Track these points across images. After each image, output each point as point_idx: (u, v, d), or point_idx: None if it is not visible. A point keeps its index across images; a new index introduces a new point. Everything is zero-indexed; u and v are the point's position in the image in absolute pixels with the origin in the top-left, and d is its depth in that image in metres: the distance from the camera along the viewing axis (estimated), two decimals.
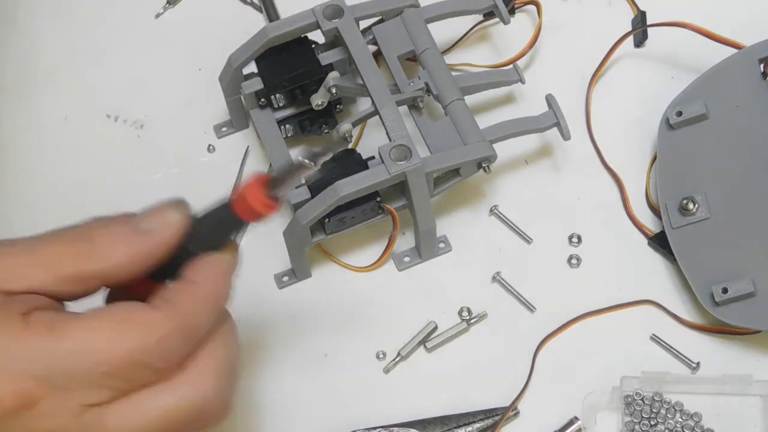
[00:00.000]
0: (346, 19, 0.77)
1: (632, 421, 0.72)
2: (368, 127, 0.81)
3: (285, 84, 0.78)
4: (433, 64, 0.78)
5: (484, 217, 0.80)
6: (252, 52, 0.77)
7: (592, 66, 0.84)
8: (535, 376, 0.75)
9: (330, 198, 0.72)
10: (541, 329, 0.76)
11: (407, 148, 0.72)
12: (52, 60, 0.88)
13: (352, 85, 0.77)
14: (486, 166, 0.75)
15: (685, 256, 0.75)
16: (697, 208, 0.76)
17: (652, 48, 0.84)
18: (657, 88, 0.82)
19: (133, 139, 0.85)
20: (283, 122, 0.80)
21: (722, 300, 0.73)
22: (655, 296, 0.77)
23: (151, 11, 0.89)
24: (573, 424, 0.72)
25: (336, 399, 0.75)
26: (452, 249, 0.79)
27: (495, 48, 0.86)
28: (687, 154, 0.78)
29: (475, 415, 0.73)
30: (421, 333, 0.76)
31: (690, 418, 0.72)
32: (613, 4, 0.87)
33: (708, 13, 0.82)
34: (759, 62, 0.78)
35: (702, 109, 0.78)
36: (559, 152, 0.82)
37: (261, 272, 0.79)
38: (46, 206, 0.81)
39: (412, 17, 0.79)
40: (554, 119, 0.77)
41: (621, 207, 0.80)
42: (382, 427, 0.73)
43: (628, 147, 0.82)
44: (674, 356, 0.75)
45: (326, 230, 0.75)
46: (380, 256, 0.78)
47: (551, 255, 0.78)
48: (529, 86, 0.82)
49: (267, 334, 0.77)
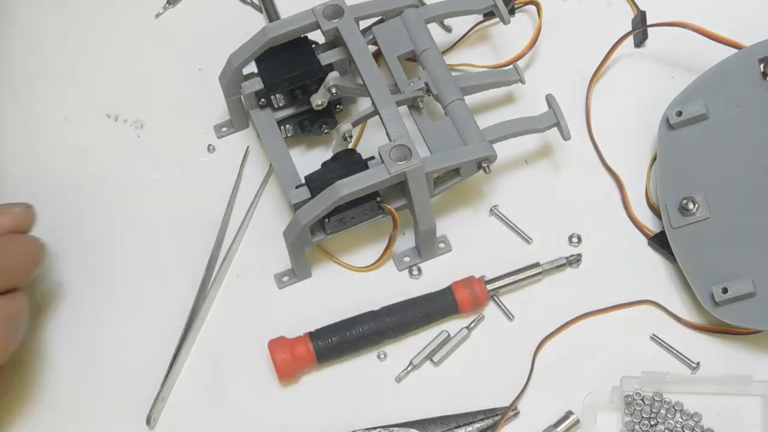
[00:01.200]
0: (346, 19, 0.77)
1: (632, 421, 0.72)
2: (368, 127, 0.81)
3: (285, 84, 0.78)
4: (433, 64, 0.78)
5: (484, 217, 0.80)
6: (252, 52, 0.77)
7: (592, 66, 0.84)
8: (535, 376, 0.75)
9: (330, 198, 0.72)
10: (541, 329, 0.76)
11: (407, 148, 0.72)
12: (52, 60, 0.88)
13: (352, 85, 0.77)
14: (486, 166, 0.75)
15: (685, 256, 0.75)
16: (697, 208, 0.76)
17: (652, 48, 0.84)
18: (657, 88, 0.82)
19: (133, 139, 0.85)
20: (283, 122, 0.80)
21: (722, 300, 0.73)
22: (655, 296, 0.77)
23: (151, 11, 0.89)
24: (568, 418, 0.73)
25: (336, 399, 0.75)
26: (452, 249, 0.79)
27: (495, 48, 0.86)
28: (687, 154, 0.78)
29: (475, 415, 0.73)
30: (434, 342, 0.76)
31: (690, 418, 0.72)
32: (613, 4, 0.87)
33: (708, 13, 0.82)
34: (759, 62, 0.78)
35: (702, 109, 0.78)
36: (559, 152, 0.82)
37: (261, 272, 0.79)
38: (46, 206, 0.80)
39: (412, 17, 0.79)
40: (554, 119, 0.77)
41: (621, 207, 0.80)
42: (382, 427, 0.73)
43: (628, 147, 0.82)
44: (674, 356, 0.75)
45: (326, 230, 0.75)
46: (380, 256, 0.78)
47: (551, 255, 0.78)
48: (529, 86, 0.82)
49: (267, 334, 0.77)
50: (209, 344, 0.77)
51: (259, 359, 0.76)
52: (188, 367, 0.76)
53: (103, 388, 0.76)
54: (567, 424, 0.73)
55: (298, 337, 0.75)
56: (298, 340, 0.74)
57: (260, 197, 0.82)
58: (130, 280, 0.79)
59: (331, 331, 0.75)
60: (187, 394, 0.76)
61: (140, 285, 0.79)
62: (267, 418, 0.75)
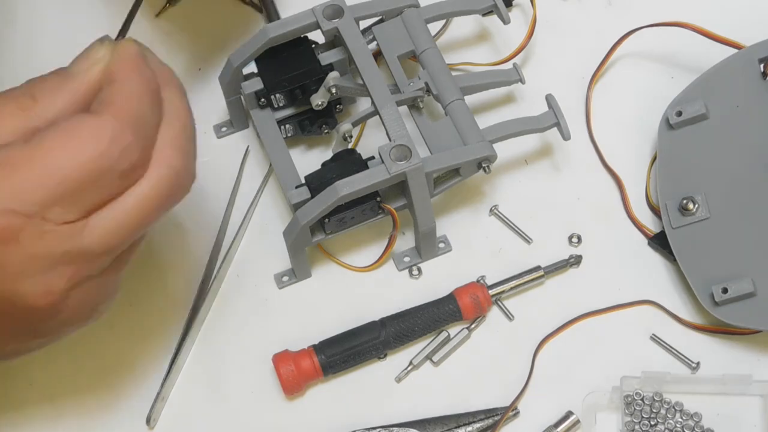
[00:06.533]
0: (346, 19, 0.77)
1: (632, 421, 0.72)
2: (368, 127, 0.81)
3: (285, 84, 0.78)
4: (433, 64, 0.78)
5: (484, 217, 0.80)
6: (252, 52, 0.77)
7: (592, 66, 0.84)
8: (535, 376, 0.75)
9: (330, 198, 0.72)
10: (541, 329, 0.76)
11: (407, 148, 0.72)
12: (52, 60, 0.88)
13: (352, 85, 0.77)
14: (486, 166, 0.75)
15: (685, 256, 0.75)
16: (697, 208, 0.76)
17: (652, 48, 0.84)
18: (657, 88, 0.82)
19: None
20: (283, 122, 0.80)
21: (722, 300, 0.73)
22: (655, 296, 0.77)
23: (151, 11, 0.89)
24: (568, 418, 0.73)
25: (336, 399, 0.75)
26: (452, 249, 0.79)
27: (494, 45, 0.86)
28: (687, 154, 0.78)
29: (475, 415, 0.73)
30: (434, 342, 0.76)
31: (690, 418, 0.72)
32: (613, 4, 0.87)
33: (708, 13, 0.82)
34: (759, 62, 0.78)
35: (702, 109, 0.78)
36: (559, 152, 0.82)
37: (261, 272, 0.79)
38: None
39: (412, 17, 0.79)
40: (554, 119, 0.77)
41: (621, 207, 0.80)
42: (382, 427, 0.73)
43: (628, 147, 0.82)
44: (674, 356, 0.75)
45: (326, 230, 0.75)
46: (380, 256, 0.78)
47: (551, 255, 0.78)
48: (529, 86, 0.82)
49: (267, 334, 0.77)
50: (209, 344, 0.77)
51: (259, 359, 0.76)
52: (188, 367, 0.76)
53: (102, 388, 0.76)
54: (567, 424, 0.73)
55: (302, 350, 0.75)
56: (303, 353, 0.74)
57: (260, 197, 0.82)
58: (130, 279, 0.79)
59: (335, 345, 0.75)
60: (187, 394, 0.76)
61: (140, 284, 0.79)
62: (266, 417, 0.75)
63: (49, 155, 0.58)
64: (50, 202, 0.57)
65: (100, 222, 0.59)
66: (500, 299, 0.77)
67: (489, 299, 0.76)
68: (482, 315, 0.76)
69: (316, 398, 0.75)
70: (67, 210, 0.58)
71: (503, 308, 0.77)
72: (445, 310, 0.76)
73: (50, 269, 0.59)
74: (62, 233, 0.58)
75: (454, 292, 0.76)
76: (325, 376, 0.75)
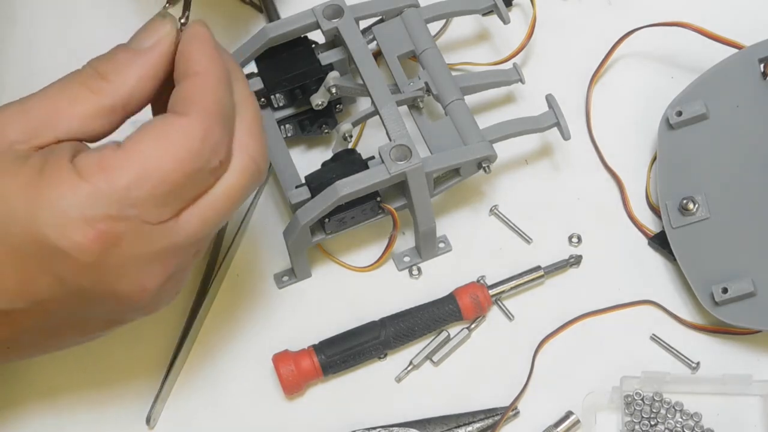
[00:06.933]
0: (346, 19, 0.77)
1: (632, 421, 0.72)
2: (368, 127, 0.81)
3: (285, 84, 0.78)
4: (433, 63, 0.78)
5: (484, 217, 0.80)
6: (252, 52, 0.77)
7: (592, 66, 0.84)
8: (535, 376, 0.75)
9: (330, 198, 0.72)
10: (541, 329, 0.76)
11: (407, 148, 0.72)
12: (52, 60, 0.88)
13: (352, 85, 0.77)
14: (486, 166, 0.75)
15: (685, 256, 0.75)
16: (697, 208, 0.76)
17: (652, 48, 0.84)
18: (657, 88, 0.82)
19: None
20: (283, 122, 0.80)
21: (722, 300, 0.73)
22: (655, 296, 0.77)
23: (151, 11, 0.89)
24: (568, 418, 0.73)
25: (336, 399, 0.75)
26: (452, 249, 0.79)
27: (494, 45, 0.86)
28: (687, 154, 0.78)
29: (475, 415, 0.73)
30: (434, 342, 0.76)
31: (690, 418, 0.72)
32: (613, 4, 0.87)
33: (708, 13, 0.82)
34: (759, 62, 0.78)
35: (702, 109, 0.78)
36: (559, 152, 0.82)
37: (261, 272, 0.79)
38: None
39: (412, 17, 0.79)
40: (554, 119, 0.77)
41: (621, 207, 0.80)
42: (382, 427, 0.73)
43: (628, 147, 0.82)
44: (674, 356, 0.75)
45: (326, 230, 0.75)
46: (380, 256, 0.78)
47: (551, 255, 0.78)
48: (529, 86, 0.82)
49: (267, 334, 0.77)
50: (209, 344, 0.77)
51: (259, 359, 0.76)
52: (188, 367, 0.76)
53: (102, 388, 0.76)
54: (567, 424, 0.73)
55: (302, 350, 0.75)
56: (303, 353, 0.74)
57: (260, 197, 0.82)
58: None
59: (334, 345, 0.75)
60: (187, 395, 0.76)
61: None
62: (266, 417, 0.75)
63: (144, 159, 0.58)
64: (149, 204, 0.58)
65: (191, 218, 0.60)
66: (500, 299, 0.77)
67: (489, 299, 0.76)
68: (482, 315, 0.76)
69: (316, 398, 0.75)
70: (163, 210, 0.59)
71: (503, 308, 0.77)
72: (445, 310, 0.76)
73: (146, 267, 0.60)
74: (159, 233, 0.59)
75: (454, 292, 0.76)
76: (325, 376, 0.75)
